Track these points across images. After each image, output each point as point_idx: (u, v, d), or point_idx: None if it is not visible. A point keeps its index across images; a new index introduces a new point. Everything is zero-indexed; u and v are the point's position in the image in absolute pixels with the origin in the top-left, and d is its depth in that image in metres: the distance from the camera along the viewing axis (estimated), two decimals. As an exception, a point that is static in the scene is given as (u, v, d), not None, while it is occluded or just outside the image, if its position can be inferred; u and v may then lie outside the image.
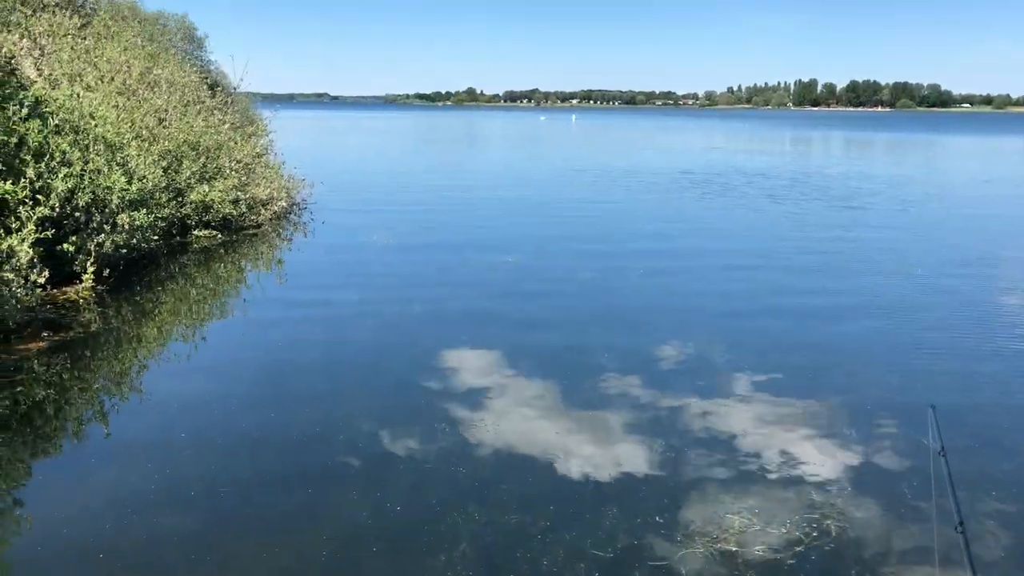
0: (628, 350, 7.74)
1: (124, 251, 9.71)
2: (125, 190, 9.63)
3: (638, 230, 15.67)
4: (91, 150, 9.84)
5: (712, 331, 8.46)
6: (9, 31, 13.32)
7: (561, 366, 7.30)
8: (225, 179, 13.72)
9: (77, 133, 9.88)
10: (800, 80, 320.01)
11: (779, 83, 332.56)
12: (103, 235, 9.30)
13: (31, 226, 8.05)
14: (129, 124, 12.05)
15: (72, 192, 8.99)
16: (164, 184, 11.59)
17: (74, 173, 9.03)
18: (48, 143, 8.90)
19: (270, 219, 14.80)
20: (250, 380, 6.97)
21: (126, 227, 9.52)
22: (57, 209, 8.71)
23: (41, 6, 15.10)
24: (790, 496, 4.91)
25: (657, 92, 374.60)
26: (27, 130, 8.67)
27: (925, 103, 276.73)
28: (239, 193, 13.99)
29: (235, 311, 9.49)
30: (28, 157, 8.61)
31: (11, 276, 7.10)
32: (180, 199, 12.75)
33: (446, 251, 12.89)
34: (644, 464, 5.31)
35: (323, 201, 17.64)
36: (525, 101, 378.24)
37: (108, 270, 9.37)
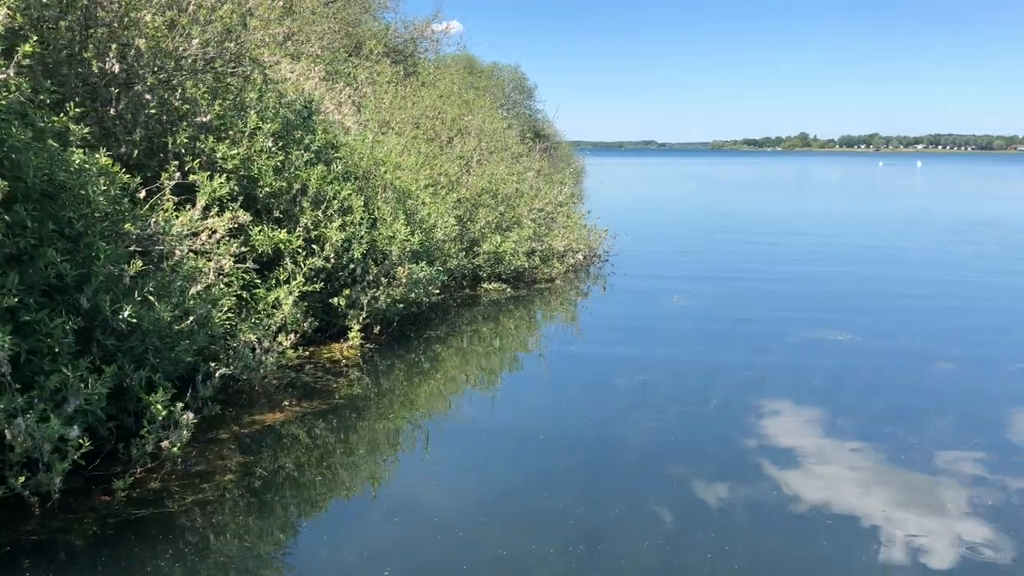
0: (998, 510, 5.36)
1: (401, 305, 9.08)
2: (407, 241, 9.03)
3: (1008, 306, 12.39)
4: (379, 197, 9.41)
5: None
6: (335, 80, 13.78)
7: (902, 481, 5.20)
8: (521, 229, 12.97)
9: (367, 180, 9.51)
10: None
11: None
12: (379, 289, 8.73)
13: (300, 278, 7.60)
14: (428, 170, 11.70)
15: (348, 242, 8.50)
16: (455, 234, 11.01)
17: (353, 221, 8.54)
18: (329, 189, 8.49)
19: (565, 272, 13.80)
20: (539, 448, 6.27)
21: (404, 280, 8.89)
22: (332, 260, 8.25)
23: (368, 55, 15.65)
24: None
25: (1021, 136, 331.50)
26: (309, 176, 8.32)
27: None
28: (535, 244, 13.17)
29: (525, 371, 8.61)
30: (306, 204, 8.25)
31: (253, 337, 6.52)
32: (474, 249, 12.19)
33: (755, 323, 10.77)
34: None
35: (627, 253, 16.37)
36: (863, 147, 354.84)
37: (379, 326, 8.78)
